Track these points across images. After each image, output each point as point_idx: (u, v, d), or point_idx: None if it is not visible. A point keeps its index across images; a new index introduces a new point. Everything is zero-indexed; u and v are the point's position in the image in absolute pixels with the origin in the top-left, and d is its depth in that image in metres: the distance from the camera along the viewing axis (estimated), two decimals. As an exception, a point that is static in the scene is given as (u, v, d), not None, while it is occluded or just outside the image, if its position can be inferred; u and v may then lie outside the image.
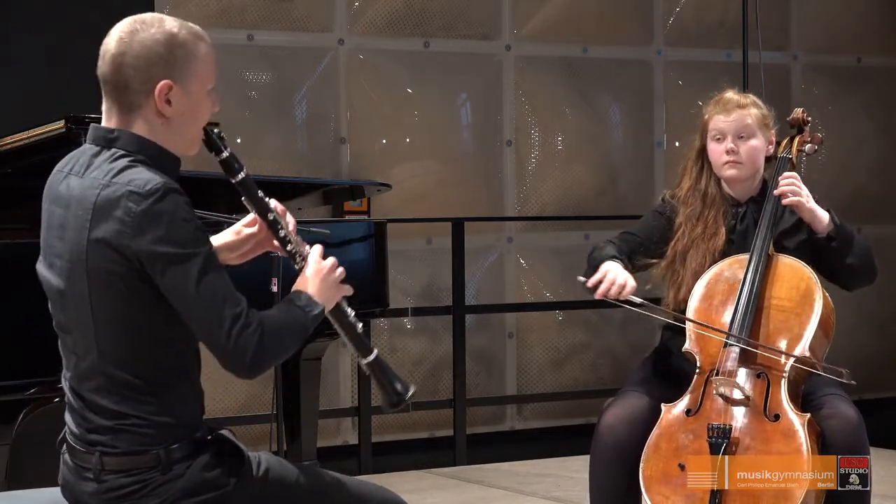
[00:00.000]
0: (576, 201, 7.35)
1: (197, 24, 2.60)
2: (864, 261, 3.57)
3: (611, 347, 7.40)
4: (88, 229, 2.37)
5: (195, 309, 2.35)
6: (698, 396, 3.37)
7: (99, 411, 2.43)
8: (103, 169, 2.41)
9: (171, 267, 2.33)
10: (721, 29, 7.58)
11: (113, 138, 2.44)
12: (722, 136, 3.61)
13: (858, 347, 7.82)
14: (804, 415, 3.29)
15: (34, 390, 3.53)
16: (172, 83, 2.43)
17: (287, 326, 2.46)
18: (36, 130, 3.83)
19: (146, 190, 2.34)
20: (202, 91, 2.49)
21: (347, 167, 6.79)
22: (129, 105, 2.44)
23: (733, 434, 3.28)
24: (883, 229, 8.04)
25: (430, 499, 5.54)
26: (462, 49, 7.10)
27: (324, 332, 4.78)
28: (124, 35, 2.45)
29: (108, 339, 2.40)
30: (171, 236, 2.33)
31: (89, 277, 2.38)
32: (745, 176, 3.63)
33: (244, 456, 2.50)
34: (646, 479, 3.33)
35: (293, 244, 2.60)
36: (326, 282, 2.56)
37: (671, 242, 3.64)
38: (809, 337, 3.38)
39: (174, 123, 2.46)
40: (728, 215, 3.64)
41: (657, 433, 3.37)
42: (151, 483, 2.40)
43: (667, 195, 3.74)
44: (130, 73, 2.42)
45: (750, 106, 3.63)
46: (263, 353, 2.39)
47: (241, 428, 5.95)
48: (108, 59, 2.44)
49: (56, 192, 2.48)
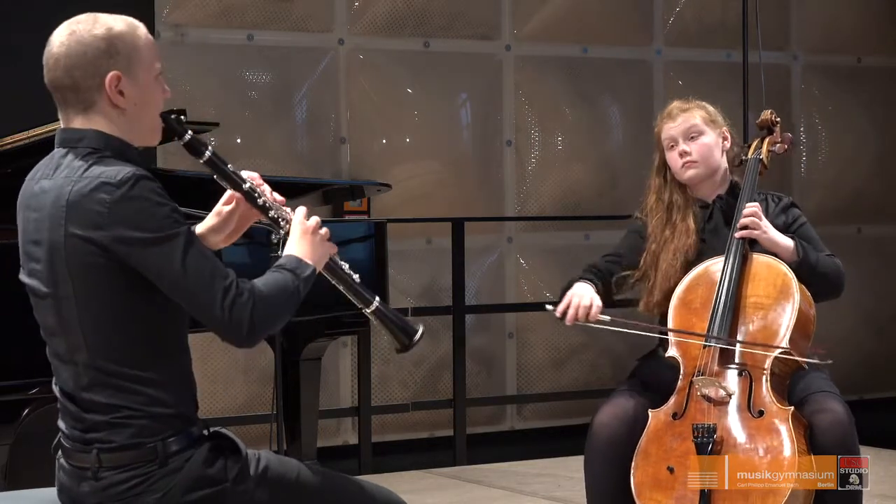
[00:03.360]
0: (576, 201, 7.35)
1: (197, 25, 2.62)
2: (827, 284, 3.59)
3: (610, 347, 7.40)
4: (64, 225, 2.39)
5: (185, 287, 2.38)
6: (683, 399, 3.40)
7: (93, 408, 2.43)
8: (73, 167, 2.44)
9: (152, 251, 2.36)
10: (721, 29, 7.58)
11: (78, 138, 2.48)
12: (674, 142, 3.69)
13: (858, 348, 7.83)
14: (787, 408, 3.31)
15: (35, 390, 3.53)
16: (120, 74, 2.46)
17: (279, 291, 2.47)
18: (36, 130, 3.83)
19: (118, 179, 2.37)
20: (149, 77, 2.52)
21: (347, 167, 6.79)
22: (85, 104, 2.47)
23: (718, 433, 3.30)
24: (883, 229, 8.04)
25: (430, 499, 5.54)
26: (462, 49, 7.10)
27: (324, 332, 4.80)
28: (63, 38, 2.48)
29: (96, 333, 2.41)
30: (148, 222, 2.36)
31: (71, 274, 2.40)
32: (705, 174, 3.69)
33: (242, 452, 2.51)
34: (637, 485, 3.36)
35: (274, 210, 2.63)
36: (314, 241, 2.59)
37: (643, 253, 3.70)
38: (789, 330, 3.40)
39: (130, 114, 2.49)
40: (697, 216, 3.69)
41: (645, 439, 3.40)
42: (150, 477, 2.41)
43: (637, 213, 3.82)
44: (77, 74, 2.45)
45: (693, 108, 3.72)
46: (259, 321, 2.41)
47: (241, 428, 5.95)
48: (52, 64, 2.47)
49: (28, 198, 2.51)
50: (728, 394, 3.35)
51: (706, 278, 3.56)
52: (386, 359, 6.87)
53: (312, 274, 2.55)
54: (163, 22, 6.34)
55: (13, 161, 3.97)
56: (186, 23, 6.40)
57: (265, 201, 2.62)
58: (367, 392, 6.39)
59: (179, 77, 6.36)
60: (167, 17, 6.36)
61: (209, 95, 6.41)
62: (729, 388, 3.36)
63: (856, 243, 7.80)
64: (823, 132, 8.00)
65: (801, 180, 7.78)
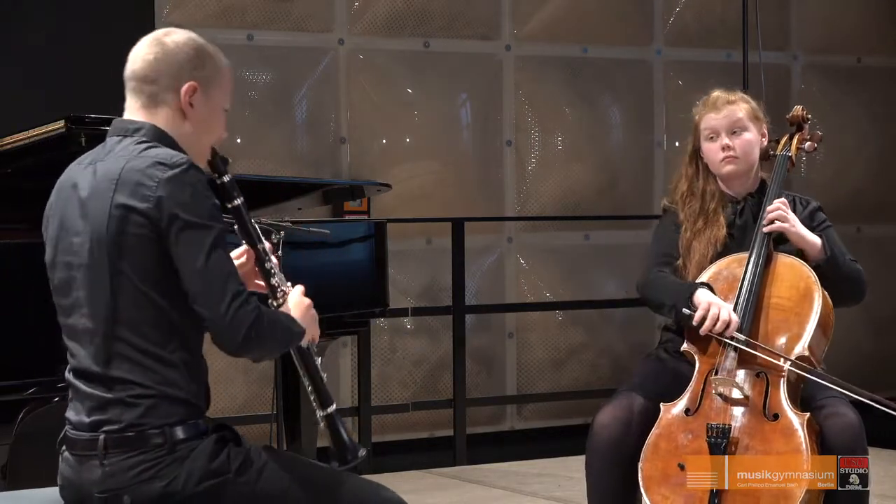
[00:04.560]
0: (576, 201, 7.35)
1: (197, 25, 2.68)
2: (851, 287, 3.59)
3: (610, 347, 7.40)
4: (112, 196, 2.46)
5: (201, 279, 2.43)
6: (697, 396, 3.38)
7: (108, 383, 2.46)
8: (129, 149, 2.52)
9: (188, 234, 2.42)
10: (721, 29, 7.57)
11: (136, 128, 2.56)
12: (715, 133, 3.63)
13: (858, 348, 7.82)
14: (803, 414, 3.30)
15: (34, 390, 3.53)
16: (198, 86, 2.57)
17: (280, 324, 2.54)
18: (36, 130, 3.83)
19: (172, 161, 2.47)
20: (220, 105, 2.64)
21: (347, 167, 6.79)
22: (155, 99, 2.56)
23: (732, 434, 3.28)
24: (883, 229, 8.05)
25: (430, 499, 5.54)
26: (462, 49, 7.10)
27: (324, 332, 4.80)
28: (158, 37, 2.59)
29: (125, 305, 2.45)
30: (193, 205, 2.44)
31: (109, 245, 2.45)
32: (743, 170, 3.65)
33: (246, 447, 2.53)
34: (645, 478, 3.34)
35: (277, 278, 2.67)
36: (307, 316, 2.64)
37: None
38: (809, 336, 3.38)
39: (189, 128, 2.58)
40: (727, 210, 3.65)
41: (656, 433, 3.37)
42: (158, 464, 2.43)
43: (665, 203, 3.77)
44: (162, 69, 2.55)
45: (739, 101, 3.66)
46: (256, 334, 2.45)
47: (241, 428, 5.91)
48: (140, 56, 2.57)
49: (75, 178, 2.56)
50: (744, 395, 3.33)
51: (728, 272, 3.52)
52: (386, 359, 6.87)
53: (302, 336, 2.60)
54: (163, 22, 6.33)
55: (13, 161, 3.97)
56: (186, 23, 6.39)
57: (272, 267, 2.67)
58: (367, 392, 6.39)
59: (179, 77, 6.36)
60: (167, 17, 6.36)
61: (209, 95, 6.40)
62: (745, 390, 3.34)
63: (855, 243, 7.79)
64: (823, 132, 7.99)
65: (800, 180, 7.77)
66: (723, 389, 3.35)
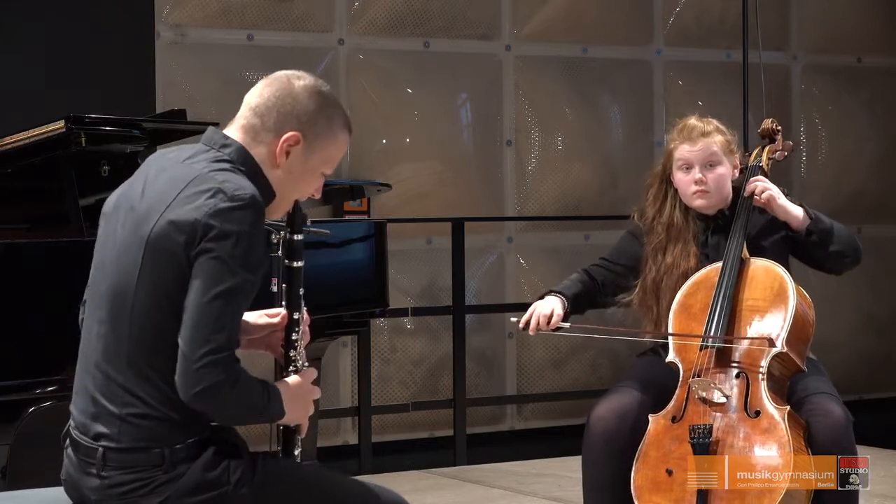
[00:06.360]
0: (576, 201, 7.35)
1: (197, 24, 2.64)
2: (847, 245, 3.59)
3: (610, 347, 7.40)
4: (166, 209, 2.40)
5: (196, 313, 2.35)
6: (682, 403, 3.41)
7: (110, 391, 2.43)
8: (206, 163, 2.46)
9: (210, 265, 2.35)
10: (721, 29, 7.58)
11: (225, 144, 2.50)
12: (689, 165, 3.62)
13: (858, 348, 7.83)
14: (784, 407, 3.31)
15: (36, 390, 3.53)
16: (300, 139, 2.50)
17: (250, 399, 2.43)
18: (36, 130, 3.83)
19: (234, 193, 2.38)
20: (318, 167, 2.56)
21: (347, 167, 6.79)
22: (255, 133, 2.50)
23: (715, 433, 3.31)
24: (883, 229, 8.05)
25: (430, 499, 5.54)
26: (462, 49, 7.10)
27: (324, 332, 4.80)
28: (288, 75, 2.57)
29: (143, 313, 2.41)
30: (232, 245, 2.35)
31: (146, 248, 2.40)
32: (715, 203, 3.64)
33: (245, 455, 2.51)
34: (637, 488, 3.37)
35: (297, 352, 2.61)
36: (304, 400, 2.59)
37: (640, 277, 3.66)
38: (785, 331, 3.40)
39: (278, 174, 2.51)
40: (698, 232, 3.65)
41: (645, 443, 3.41)
42: (153, 482, 2.41)
43: (635, 216, 3.76)
44: (273, 106, 2.50)
45: (714, 133, 3.63)
46: (212, 396, 2.35)
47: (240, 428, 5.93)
48: (260, 87, 2.54)
49: (154, 166, 2.52)
50: (725, 395, 3.35)
51: (706, 283, 3.55)
52: (386, 359, 6.87)
53: (278, 417, 2.52)
54: (163, 22, 6.34)
55: (13, 161, 3.97)
56: (186, 23, 6.40)
57: (297, 339, 2.61)
58: (367, 392, 6.39)
59: (179, 77, 6.37)
60: (167, 17, 6.36)
61: (209, 95, 6.40)
62: (725, 390, 3.36)
63: (855, 243, 7.80)
64: (823, 132, 8.01)
65: (801, 180, 7.78)
66: (703, 392, 3.37)
